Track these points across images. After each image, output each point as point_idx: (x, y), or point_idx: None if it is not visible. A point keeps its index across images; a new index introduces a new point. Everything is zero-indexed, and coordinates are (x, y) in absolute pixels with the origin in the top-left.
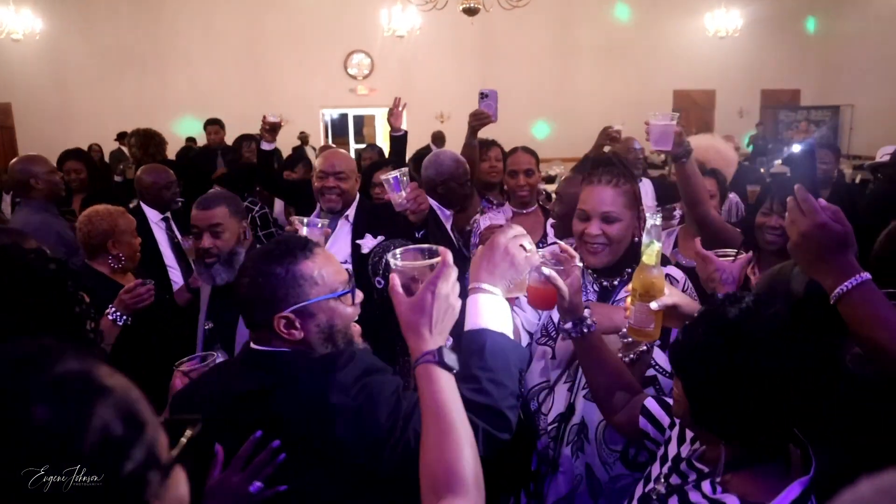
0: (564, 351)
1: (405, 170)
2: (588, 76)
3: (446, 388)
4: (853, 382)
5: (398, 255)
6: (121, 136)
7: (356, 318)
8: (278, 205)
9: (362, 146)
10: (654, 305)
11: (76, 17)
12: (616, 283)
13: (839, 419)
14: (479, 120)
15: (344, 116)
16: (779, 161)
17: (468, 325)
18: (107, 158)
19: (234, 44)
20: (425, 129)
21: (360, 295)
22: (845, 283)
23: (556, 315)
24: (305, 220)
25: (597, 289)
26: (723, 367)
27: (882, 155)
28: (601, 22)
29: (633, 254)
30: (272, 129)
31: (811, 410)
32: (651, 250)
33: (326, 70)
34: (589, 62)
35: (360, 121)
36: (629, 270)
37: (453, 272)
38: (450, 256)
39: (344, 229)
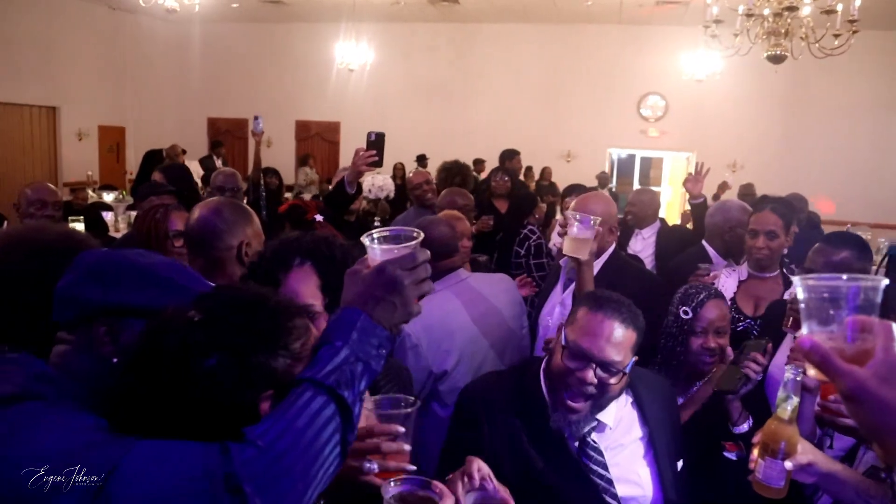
0: None
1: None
2: None
3: None
4: None
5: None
6: (420, 158)
7: None
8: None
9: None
10: (788, 465)
11: (400, 51)
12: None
13: None
14: None
15: (631, 157)
16: None
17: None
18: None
19: (534, 79)
20: (714, 178)
21: None
22: None
23: None
24: None
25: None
26: None
27: None
28: None
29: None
30: None
31: None
32: (788, 405)
33: (619, 110)
34: None
35: (647, 162)
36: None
37: None
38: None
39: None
